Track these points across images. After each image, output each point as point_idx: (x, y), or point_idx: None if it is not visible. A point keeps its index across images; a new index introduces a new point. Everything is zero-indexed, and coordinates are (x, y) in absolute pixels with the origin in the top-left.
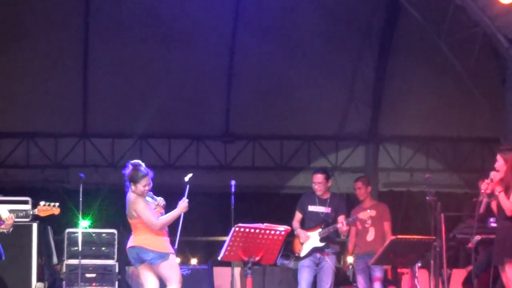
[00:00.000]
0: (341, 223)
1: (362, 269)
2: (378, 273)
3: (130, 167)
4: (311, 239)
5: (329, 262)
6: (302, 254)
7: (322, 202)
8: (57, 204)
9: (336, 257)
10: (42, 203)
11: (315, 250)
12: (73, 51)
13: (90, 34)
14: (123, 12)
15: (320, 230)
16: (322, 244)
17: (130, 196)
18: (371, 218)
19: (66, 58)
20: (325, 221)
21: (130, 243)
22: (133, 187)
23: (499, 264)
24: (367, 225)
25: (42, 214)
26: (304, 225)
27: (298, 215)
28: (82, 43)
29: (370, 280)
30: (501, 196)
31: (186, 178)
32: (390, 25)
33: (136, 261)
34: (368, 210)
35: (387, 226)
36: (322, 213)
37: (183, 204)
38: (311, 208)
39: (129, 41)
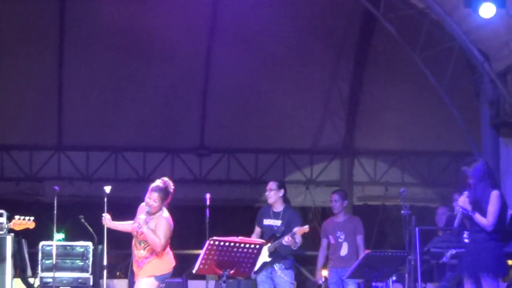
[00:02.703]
0: (286, 237)
1: (335, 283)
2: (351, 286)
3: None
4: (262, 254)
5: (284, 278)
6: (255, 269)
7: (275, 216)
8: (32, 218)
9: (292, 271)
10: (17, 217)
11: (265, 265)
12: (48, 65)
13: (65, 47)
14: (99, 26)
15: (269, 244)
16: (270, 259)
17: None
18: (344, 233)
19: (41, 71)
20: (273, 236)
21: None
22: None
23: (472, 277)
24: (340, 240)
25: (17, 228)
26: (263, 239)
27: (256, 229)
28: (57, 56)
29: None
30: (477, 216)
31: (107, 190)
32: (365, 39)
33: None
34: (306, 226)
35: (360, 239)
36: (276, 226)
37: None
38: (266, 221)
39: (104, 54)
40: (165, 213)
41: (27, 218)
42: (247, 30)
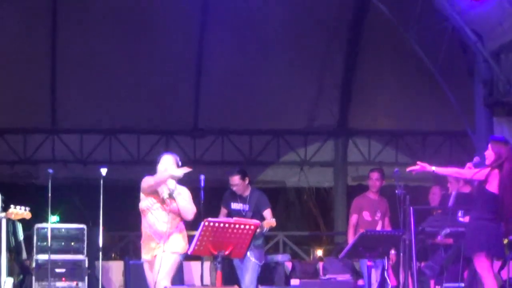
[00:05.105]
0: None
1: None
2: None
3: None
4: None
5: (251, 258)
6: None
7: (242, 199)
8: (28, 208)
9: (261, 251)
10: (13, 206)
11: None
12: (40, 46)
13: (58, 29)
14: (92, 8)
15: None
16: None
17: None
18: (381, 211)
19: (34, 53)
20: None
21: None
22: None
23: (470, 256)
24: (377, 218)
25: (13, 217)
26: None
27: (223, 211)
28: (50, 39)
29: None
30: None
31: (103, 172)
32: (359, 19)
33: None
34: (273, 220)
35: (387, 221)
36: (244, 210)
37: None
38: (233, 205)
39: (98, 37)
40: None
41: (23, 208)
42: (241, 12)
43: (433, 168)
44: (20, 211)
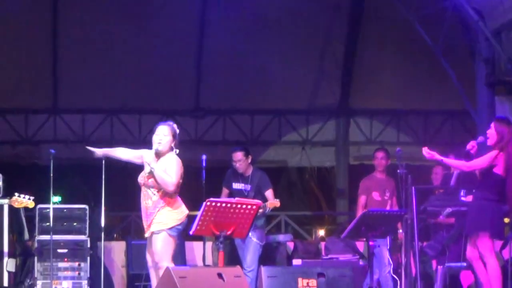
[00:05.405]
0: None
1: (383, 241)
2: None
3: None
4: None
5: (252, 238)
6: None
7: (244, 179)
8: (32, 198)
9: (263, 231)
10: (16, 194)
11: None
12: (42, 27)
13: (60, 9)
14: None
15: None
16: None
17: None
18: (389, 191)
19: (35, 34)
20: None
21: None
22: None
23: (471, 235)
24: (386, 198)
25: (16, 205)
26: None
27: (224, 191)
28: (51, 19)
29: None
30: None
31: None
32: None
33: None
34: (277, 200)
35: (395, 200)
36: (246, 190)
37: None
38: (235, 185)
39: (99, 17)
40: (174, 153)
41: (27, 197)
42: None
43: (441, 158)
44: (24, 200)
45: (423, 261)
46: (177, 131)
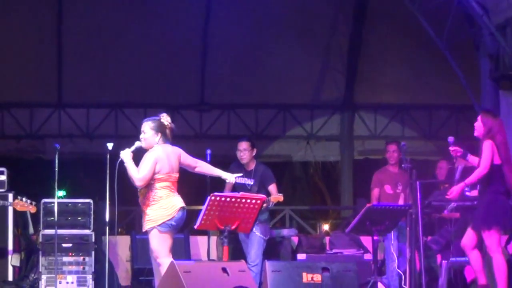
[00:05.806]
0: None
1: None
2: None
3: None
4: None
5: (256, 233)
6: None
7: (247, 174)
8: (34, 202)
9: (267, 225)
10: (19, 198)
11: None
12: (47, 21)
13: (64, 3)
14: None
15: None
16: None
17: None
18: (402, 184)
19: (40, 28)
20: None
21: (181, 203)
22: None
23: (481, 229)
24: (398, 191)
25: (18, 209)
26: None
27: (228, 185)
28: (56, 13)
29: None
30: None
31: (110, 147)
32: None
33: (179, 226)
34: (280, 194)
35: (407, 193)
36: (249, 185)
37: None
38: (238, 179)
39: (103, 11)
40: (157, 148)
41: (29, 201)
42: None
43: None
44: (25, 204)
45: (427, 256)
46: (165, 123)
